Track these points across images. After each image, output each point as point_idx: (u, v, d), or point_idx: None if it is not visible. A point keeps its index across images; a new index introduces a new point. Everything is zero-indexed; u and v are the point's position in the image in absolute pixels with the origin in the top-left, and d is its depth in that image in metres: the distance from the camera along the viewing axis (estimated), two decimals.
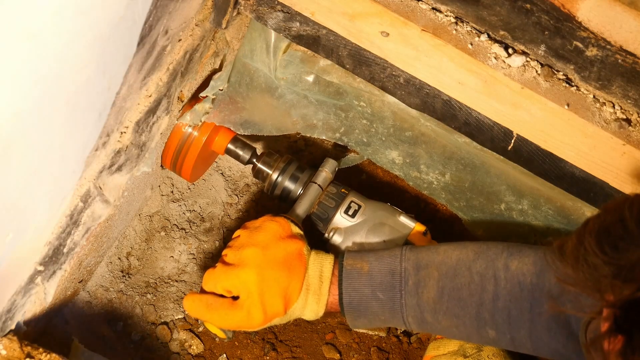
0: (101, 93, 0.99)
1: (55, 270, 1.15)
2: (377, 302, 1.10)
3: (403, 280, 1.10)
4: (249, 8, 1.20)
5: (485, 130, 1.16)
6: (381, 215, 1.28)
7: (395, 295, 1.10)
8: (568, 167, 1.13)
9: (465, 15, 1.10)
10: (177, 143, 1.30)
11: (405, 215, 1.29)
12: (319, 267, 1.13)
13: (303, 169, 1.34)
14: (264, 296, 1.11)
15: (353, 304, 1.11)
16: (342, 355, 1.39)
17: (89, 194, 1.12)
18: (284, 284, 1.11)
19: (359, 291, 1.11)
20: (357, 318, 1.13)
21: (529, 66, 1.09)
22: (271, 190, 1.34)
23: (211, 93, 1.30)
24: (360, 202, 1.30)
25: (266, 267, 1.12)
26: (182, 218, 1.46)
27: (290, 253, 1.14)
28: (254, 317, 1.11)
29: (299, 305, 1.12)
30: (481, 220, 1.37)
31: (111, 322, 1.36)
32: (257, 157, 1.35)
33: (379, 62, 1.16)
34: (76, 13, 0.82)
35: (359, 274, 1.11)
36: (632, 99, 1.06)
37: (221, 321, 1.12)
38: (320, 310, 1.13)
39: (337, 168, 1.34)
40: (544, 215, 1.31)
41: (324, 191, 1.31)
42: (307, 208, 1.29)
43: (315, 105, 1.33)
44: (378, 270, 1.11)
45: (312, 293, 1.12)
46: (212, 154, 1.41)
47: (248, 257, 1.13)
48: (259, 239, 1.14)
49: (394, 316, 1.11)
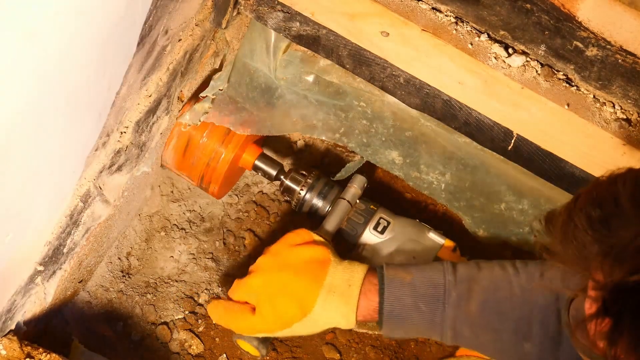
0: (101, 93, 0.99)
1: (55, 270, 1.15)
2: (418, 313, 1.08)
3: (446, 293, 1.07)
4: (249, 8, 1.20)
5: (486, 130, 1.16)
6: (410, 232, 1.28)
7: (437, 307, 1.07)
8: (568, 167, 1.13)
9: (465, 15, 1.10)
10: (206, 160, 1.32)
11: (435, 232, 1.28)
12: (348, 273, 1.11)
13: (331, 185, 1.34)
14: (274, 299, 1.11)
15: (394, 313, 1.08)
16: (342, 355, 1.39)
17: (88, 194, 1.12)
18: (293, 286, 1.11)
19: (402, 301, 1.08)
20: (396, 329, 1.10)
21: (529, 66, 1.09)
22: (299, 207, 1.34)
23: (211, 93, 1.30)
24: (389, 219, 1.30)
25: (274, 271, 1.13)
26: (182, 218, 1.46)
27: (306, 258, 1.13)
28: (267, 321, 1.11)
29: (320, 309, 1.10)
30: (481, 220, 1.37)
31: (111, 322, 1.35)
32: (284, 174, 1.36)
33: (379, 62, 1.16)
34: (76, 13, 0.82)
35: (402, 283, 1.09)
36: (632, 99, 1.06)
37: (238, 325, 1.14)
38: (350, 314, 1.10)
39: (365, 184, 1.33)
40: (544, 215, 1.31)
41: (353, 207, 1.31)
42: (336, 224, 1.28)
43: (315, 106, 1.33)
44: (421, 281, 1.09)
45: (338, 295, 1.10)
46: (239, 170, 1.42)
47: (258, 264, 1.16)
48: (272, 247, 1.17)
49: (432, 328, 1.08)
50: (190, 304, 1.39)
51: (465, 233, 1.39)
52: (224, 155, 1.32)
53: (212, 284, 1.41)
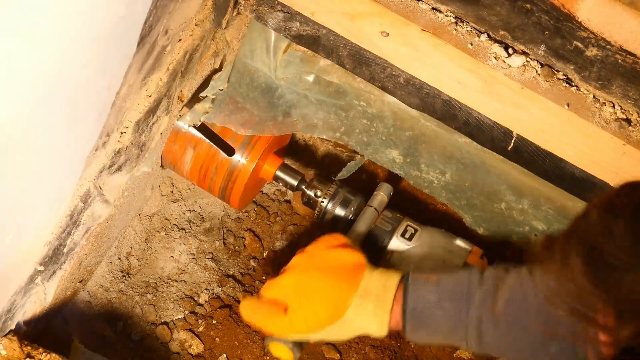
0: (101, 93, 0.99)
1: (55, 270, 1.15)
2: (441, 311, 1.05)
3: (472, 292, 1.05)
4: (249, 8, 1.20)
5: (485, 130, 1.16)
6: (438, 239, 1.28)
7: (462, 305, 1.04)
8: (568, 167, 1.13)
9: (465, 15, 1.10)
10: (225, 173, 1.32)
11: (462, 239, 1.28)
12: (383, 279, 1.09)
13: (354, 194, 1.33)
14: (306, 300, 1.09)
15: (417, 310, 1.06)
16: (342, 355, 1.39)
17: (89, 194, 1.12)
18: (327, 289, 1.09)
19: (425, 298, 1.06)
20: (418, 328, 1.07)
21: (529, 66, 1.09)
22: (321, 217, 1.34)
23: (211, 93, 1.30)
24: (416, 227, 1.29)
25: (307, 272, 1.11)
26: (182, 218, 1.46)
27: (342, 261, 1.11)
28: (298, 322, 1.09)
29: (353, 313, 1.08)
30: (482, 219, 1.37)
31: (111, 322, 1.36)
32: (305, 184, 1.35)
33: (379, 62, 1.16)
34: (76, 13, 0.82)
35: (426, 282, 1.07)
36: (632, 99, 1.06)
37: (267, 325, 1.11)
38: (384, 319, 1.07)
39: (392, 192, 1.33)
40: (544, 215, 1.31)
41: (380, 215, 1.30)
42: (363, 232, 1.27)
43: (316, 105, 1.33)
44: (446, 280, 1.07)
45: (372, 300, 1.07)
46: (260, 181, 1.42)
47: (292, 264, 1.13)
48: (308, 247, 1.15)
49: (455, 329, 1.05)
50: (190, 304, 1.39)
51: (466, 233, 1.38)
52: (244, 166, 1.32)
53: (212, 284, 1.41)
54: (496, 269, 1.07)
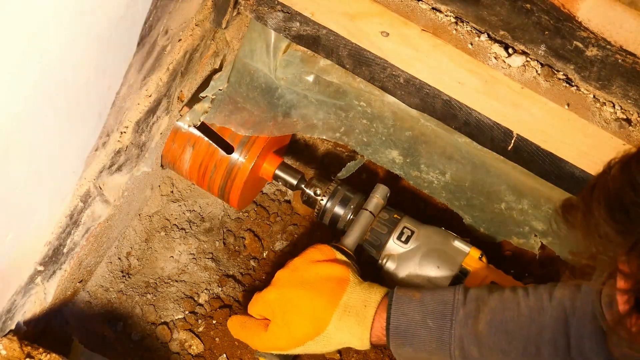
0: (101, 93, 0.99)
1: (55, 270, 1.15)
2: (425, 330, 1.06)
3: (455, 311, 1.06)
4: (249, 8, 1.20)
5: (485, 130, 1.16)
6: (435, 241, 1.27)
7: (445, 324, 1.06)
8: (568, 167, 1.13)
9: (465, 15, 1.10)
10: (225, 171, 1.31)
11: (460, 240, 1.27)
12: (365, 294, 1.10)
13: (353, 192, 1.32)
14: (287, 316, 1.10)
15: (400, 328, 1.07)
16: (342, 355, 1.39)
17: (88, 194, 1.12)
18: (307, 305, 1.10)
19: (408, 316, 1.07)
20: (402, 346, 1.08)
21: (529, 66, 1.09)
22: (321, 217, 1.33)
23: (211, 93, 1.29)
24: (413, 228, 1.28)
25: (290, 287, 1.12)
26: (182, 218, 1.46)
27: (324, 276, 1.12)
28: (279, 337, 1.10)
29: (334, 328, 1.09)
30: (482, 219, 1.37)
31: (111, 322, 1.35)
32: (305, 183, 1.35)
33: (379, 62, 1.16)
34: (76, 13, 0.82)
35: (410, 299, 1.08)
36: (632, 99, 1.06)
37: (253, 341, 1.13)
38: (364, 334, 1.08)
39: (388, 194, 1.32)
40: (544, 215, 1.31)
41: (376, 217, 1.29)
42: (358, 236, 1.26)
43: (316, 105, 1.33)
44: (430, 298, 1.08)
45: (353, 315, 1.09)
46: (260, 181, 1.42)
47: (276, 278, 1.15)
48: (292, 261, 1.16)
49: (441, 347, 1.06)
50: (190, 304, 1.39)
51: (466, 233, 1.38)
52: (242, 165, 1.31)
53: (212, 284, 1.41)
54: (480, 289, 1.09)
